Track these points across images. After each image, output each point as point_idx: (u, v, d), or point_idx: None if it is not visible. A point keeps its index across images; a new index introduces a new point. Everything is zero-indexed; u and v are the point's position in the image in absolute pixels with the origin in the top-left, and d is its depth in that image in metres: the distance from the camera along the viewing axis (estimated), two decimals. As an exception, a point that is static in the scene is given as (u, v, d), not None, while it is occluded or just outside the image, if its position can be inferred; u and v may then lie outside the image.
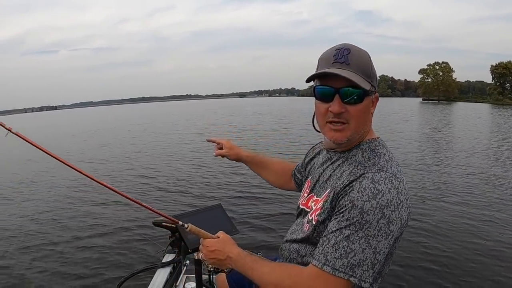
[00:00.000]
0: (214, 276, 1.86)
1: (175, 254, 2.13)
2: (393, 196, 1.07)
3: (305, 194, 1.44)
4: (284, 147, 14.40)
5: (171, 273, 2.04)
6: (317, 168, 1.42)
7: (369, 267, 1.06)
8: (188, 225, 1.39)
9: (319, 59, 1.26)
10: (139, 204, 1.28)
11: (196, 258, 1.88)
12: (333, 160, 1.32)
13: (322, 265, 1.08)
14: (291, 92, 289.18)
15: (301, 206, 1.44)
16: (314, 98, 1.26)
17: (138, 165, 12.01)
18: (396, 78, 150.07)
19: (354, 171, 1.17)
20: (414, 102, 75.13)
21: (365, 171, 1.13)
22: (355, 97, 1.16)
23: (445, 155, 12.62)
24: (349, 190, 1.12)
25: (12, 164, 13.00)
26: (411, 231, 5.34)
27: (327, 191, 1.24)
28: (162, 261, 2.11)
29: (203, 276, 1.91)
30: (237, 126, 25.38)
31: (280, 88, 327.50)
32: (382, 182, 1.09)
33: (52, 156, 1.13)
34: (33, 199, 8.05)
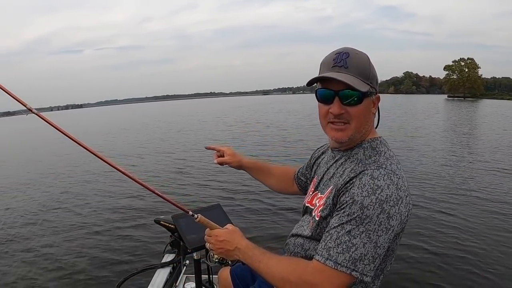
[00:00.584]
0: (213, 275, 1.84)
1: (174, 254, 2.13)
2: (392, 192, 1.11)
3: (310, 193, 1.49)
4: (312, 143, 14.12)
5: (170, 273, 2.04)
6: (322, 167, 1.48)
7: (370, 261, 1.09)
8: (198, 216, 1.39)
9: (321, 63, 1.31)
10: (154, 192, 1.29)
11: (196, 258, 1.86)
12: (337, 158, 1.37)
13: (325, 260, 1.12)
14: (314, 89, 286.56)
15: (306, 204, 1.49)
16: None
17: (153, 161, 12.27)
18: (420, 74, 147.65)
19: (355, 168, 1.22)
20: (439, 99, 73.55)
21: (365, 168, 1.18)
22: (355, 99, 1.21)
23: (471, 151, 12.39)
24: (350, 187, 1.16)
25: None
26: (441, 225, 5.49)
27: (330, 188, 1.30)
28: (162, 261, 2.11)
29: (202, 276, 1.91)
30: (265, 123, 25.31)
31: (304, 86, 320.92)
32: (381, 178, 1.13)
33: (70, 138, 1.14)
34: (29, 198, 8.20)
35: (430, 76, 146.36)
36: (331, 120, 1.27)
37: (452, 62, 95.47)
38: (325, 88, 1.25)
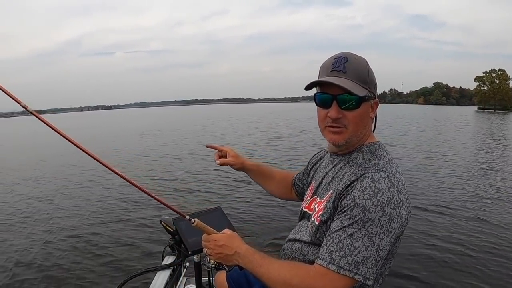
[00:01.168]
0: (213, 278, 1.81)
1: (175, 257, 2.12)
2: (393, 195, 1.12)
3: (308, 198, 1.48)
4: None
5: (171, 276, 2.03)
6: (320, 172, 1.48)
7: (373, 264, 1.10)
8: (195, 220, 1.37)
9: (320, 68, 1.32)
10: (151, 196, 1.26)
11: (196, 260, 1.85)
12: (335, 163, 1.38)
13: (327, 263, 1.12)
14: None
15: (303, 209, 1.48)
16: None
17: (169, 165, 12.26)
18: (450, 85, 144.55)
19: (355, 172, 1.22)
20: (469, 111, 71.88)
21: (365, 172, 1.18)
22: (353, 103, 1.22)
23: (501, 164, 12.07)
24: (351, 190, 1.16)
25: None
26: (474, 231, 5.55)
27: (330, 192, 1.29)
28: (162, 263, 2.10)
29: (203, 278, 1.89)
30: (297, 130, 25.19)
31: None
32: (382, 181, 1.13)
33: (68, 139, 1.11)
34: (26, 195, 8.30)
35: (460, 87, 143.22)
36: (329, 124, 1.27)
37: (483, 73, 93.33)
38: (324, 92, 1.26)
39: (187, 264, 2.07)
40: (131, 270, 3.96)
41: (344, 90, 1.19)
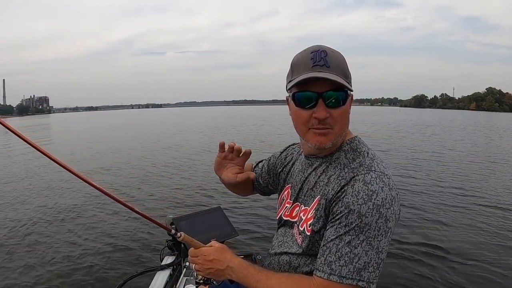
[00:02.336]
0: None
1: (174, 256, 2.11)
2: (386, 194, 1.07)
3: (287, 205, 1.38)
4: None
5: (170, 276, 2.02)
6: (296, 176, 1.37)
7: (375, 268, 1.05)
8: (181, 234, 1.28)
9: (293, 64, 1.19)
10: (132, 209, 1.22)
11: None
12: (315, 166, 1.27)
13: (328, 275, 1.06)
14: (393, 101, 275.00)
15: (284, 218, 1.38)
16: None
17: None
18: (504, 91, 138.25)
19: (341, 174, 1.15)
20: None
21: (355, 174, 1.12)
22: (339, 100, 1.13)
23: None
24: (342, 196, 1.10)
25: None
26: None
27: (317, 199, 1.20)
28: (162, 263, 2.09)
29: None
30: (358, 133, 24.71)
31: (383, 97, 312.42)
32: (374, 182, 1.08)
33: (38, 149, 1.02)
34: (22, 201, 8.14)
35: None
36: (315, 126, 1.14)
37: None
38: (307, 91, 1.13)
39: (187, 264, 2.02)
40: (130, 270, 3.94)
41: (330, 86, 1.10)
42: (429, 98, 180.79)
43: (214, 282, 1.39)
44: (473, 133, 26.85)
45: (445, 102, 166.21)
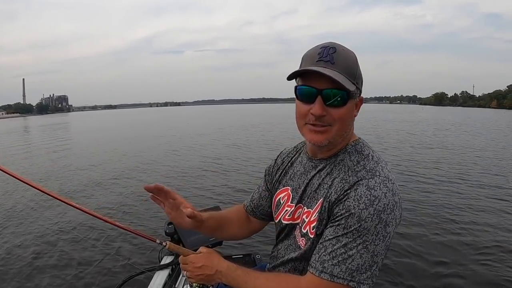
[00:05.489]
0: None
1: (173, 256, 2.10)
2: (389, 200, 1.06)
3: (288, 208, 1.34)
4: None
5: (169, 275, 2.05)
6: (298, 179, 1.33)
7: (367, 269, 1.05)
8: (166, 243, 1.33)
9: (303, 57, 1.19)
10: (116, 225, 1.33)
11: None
12: (319, 168, 1.25)
13: (319, 272, 1.07)
14: (412, 99, 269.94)
15: (284, 222, 1.34)
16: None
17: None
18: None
19: (345, 178, 1.14)
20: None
21: (359, 178, 1.10)
22: (338, 99, 1.10)
23: None
24: (344, 199, 1.09)
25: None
26: None
27: (320, 201, 1.18)
28: (161, 263, 2.09)
29: None
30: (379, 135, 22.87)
31: (402, 95, 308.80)
32: (377, 188, 1.07)
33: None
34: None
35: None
36: (310, 122, 1.14)
37: None
38: (307, 85, 1.12)
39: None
40: (129, 271, 3.93)
41: (332, 84, 1.08)
42: (449, 96, 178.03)
43: (210, 287, 1.39)
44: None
45: (465, 100, 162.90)
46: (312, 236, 1.19)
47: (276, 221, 1.40)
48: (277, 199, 1.41)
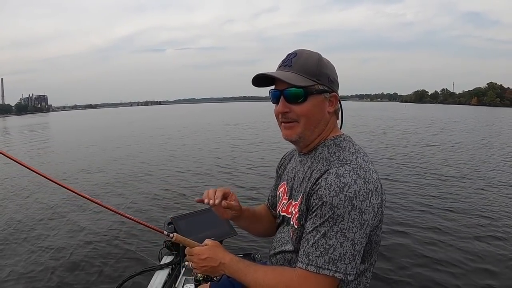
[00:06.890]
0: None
1: (173, 256, 2.11)
2: (360, 187, 1.10)
3: (284, 201, 1.44)
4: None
5: (169, 275, 2.05)
6: (290, 173, 1.45)
7: (351, 259, 1.09)
8: (173, 235, 1.38)
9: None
10: (126, 217, 1.36)
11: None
12: (303, 162, 1.35)
13: (306, 265, 1.12)
14: (393, 97, 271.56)
15: (281, 213, 1.44)
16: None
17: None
18: (505, 86, 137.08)
19: (319, 167, 1.22)
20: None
21: (329, 167, 1.17)
22: (296, 96, 1.23)
23: None
24: (317, 188, 1.15)
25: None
26: None
27: (302, 193, 1.27)
28: (161, 262, 2.09)
29: None
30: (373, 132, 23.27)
31: (382, 93, 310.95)
32: (346, 175, 1.11)
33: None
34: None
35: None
36: (282, 120, 1.29)
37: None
38: (274, 89, 1.29)
39: (186, 263, 2.02)
40: (129, 270, 3.92)
41: (288, 84, 1.21)
42: (429, 94, 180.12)
43: (214, 279, 1.45)
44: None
45: (446, 97, 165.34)
46: (296, 227, 1.27)
47: (277, 213, 1.50)
48: (278, 193, 1.53)
